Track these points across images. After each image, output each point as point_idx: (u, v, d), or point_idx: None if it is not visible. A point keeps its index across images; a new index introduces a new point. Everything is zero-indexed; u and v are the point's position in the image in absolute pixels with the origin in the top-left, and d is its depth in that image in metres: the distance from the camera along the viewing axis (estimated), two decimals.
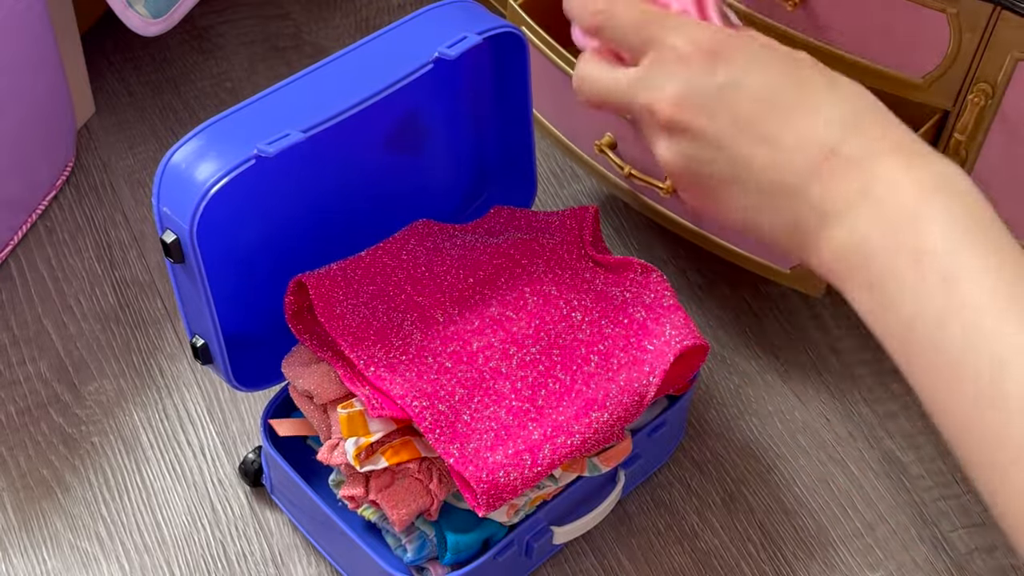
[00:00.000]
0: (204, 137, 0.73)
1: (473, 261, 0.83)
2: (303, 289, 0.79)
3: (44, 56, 0.97)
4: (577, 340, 0.80)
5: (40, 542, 0.87)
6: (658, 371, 0.78)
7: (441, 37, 0.77)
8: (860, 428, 0.94)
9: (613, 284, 0.83)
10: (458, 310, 0.81)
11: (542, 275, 0.83)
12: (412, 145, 0.86)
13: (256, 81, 1.15)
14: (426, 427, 0.75)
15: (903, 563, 0.88)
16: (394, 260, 0.82)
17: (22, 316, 0.98)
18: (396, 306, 0.80)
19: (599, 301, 0.82)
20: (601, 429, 0.77)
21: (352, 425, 0.76)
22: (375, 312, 0.80)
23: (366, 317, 0.79)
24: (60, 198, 1.06)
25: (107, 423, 0.93)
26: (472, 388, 0.77)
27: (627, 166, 0.92)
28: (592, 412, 0.77)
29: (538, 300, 0.82)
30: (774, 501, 0.91)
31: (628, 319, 0.81)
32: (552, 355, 0.80)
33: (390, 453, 0.76)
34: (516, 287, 0.82)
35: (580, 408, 0.77)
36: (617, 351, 0.80)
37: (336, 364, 0.78)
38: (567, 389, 0.78)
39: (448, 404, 0.76)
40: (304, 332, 0.80)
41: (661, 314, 0.81)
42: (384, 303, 0.80)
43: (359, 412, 0.76)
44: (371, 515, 0.79)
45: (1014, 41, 0.82)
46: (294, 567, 0.86)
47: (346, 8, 1.22)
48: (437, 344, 0.79)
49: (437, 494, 0.77)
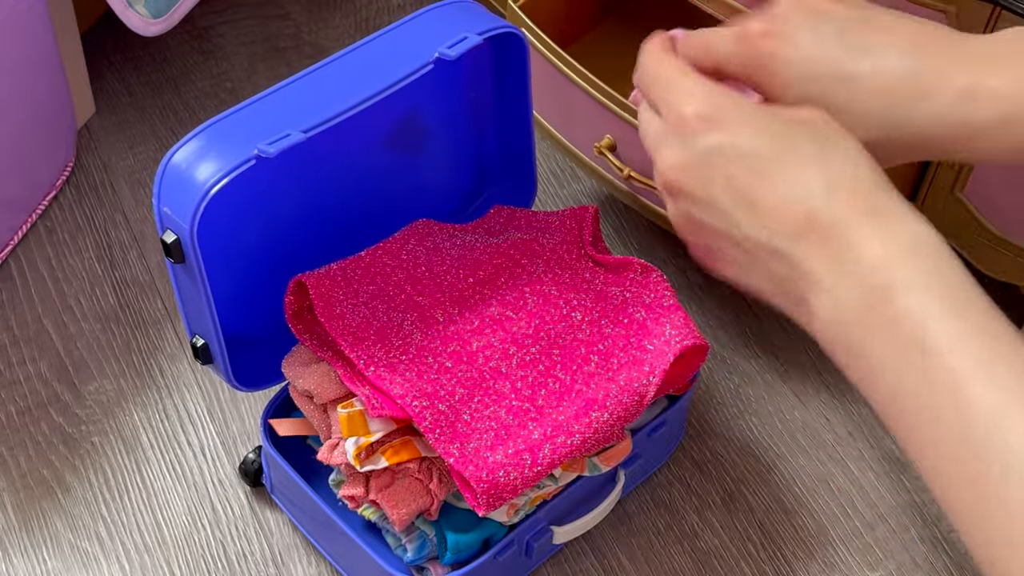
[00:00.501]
0: (204, 137, 0.73)
1: (473, 261, 0.83)
2: (303, 289, 0.80)
3: (44, 56, 0.97)
4: (577, 340, 0.80)
5: (40, 542, 0.87)
6: (658, 371, 0.78)
7: (441, 37, 0.77)
8: (860, 428, 0.94)
9: (613, 284, 0.83)
10: (458, 310, 0.81)
11: (542, 275, 0.83)
12: (412, 145, 0.86)
13: (256, 81, 1.15)
14: (426, 427, 0.75)
15: (903, 563, 0.88)
16: (394, 260, 0.82)
17: (22, 316, 0.98)
18: (396, 306, 0.81)
19: (599, 301, 0.82)
20: (601, 428, 0.77)
21: (352, 425, 0.76)
22: (375, 312, 0.80)
23: (366, 317, 0.79)
24: (60, 198, 1.06)
25: (107, 423, 0.93)
26: (472, 388, 0.77)
27: (626, 168, 0.92)
28: (592, 412, 0.77)
29: (538, 300, 0.82)
30: (774, 501, 0.91)
31: (628, 319, 0.81)
32: (552, 355, 0.80)
33: (390, 453, 0.76)
34: (516, 287, 0.82)
35: (580, 408, 0.77)
36: (617, 351, 0.80)
37: (336, 364, 0.78)
38: (567, 389, 0.78)
39: (448, 404, 0.76)
40: (304, 332, 0.80)
41: (661, 314, 0.81)
42: (384, 303, 0.80)
43: (359, 412, 0.76)
44: (371, 515, 0.79)
45: None
46: (294, 567, 0.86)
47: (346, 8, 1.22)
48: (437, 344, 0.79)
49: (437, 494, 0.77)
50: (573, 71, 0.93)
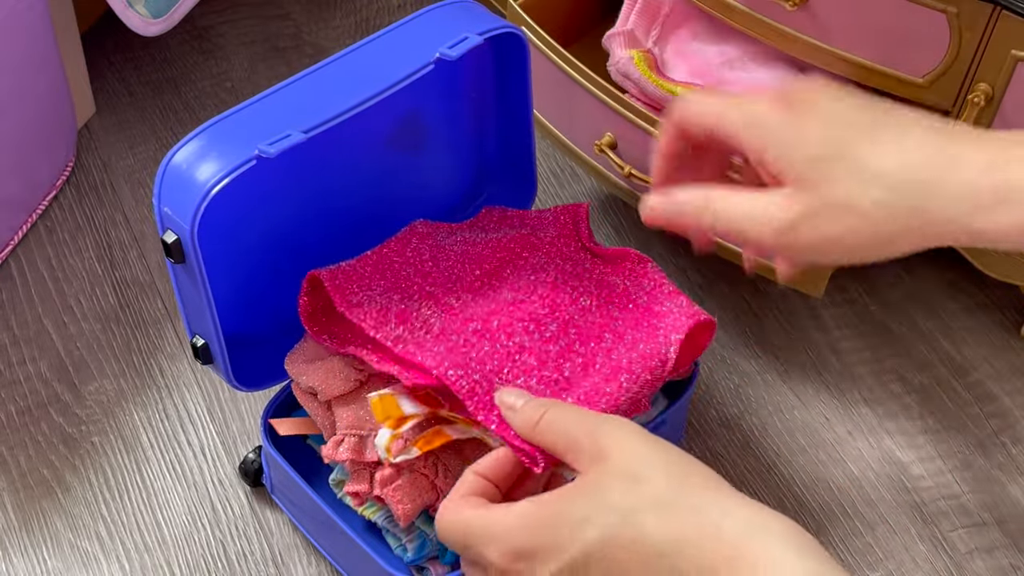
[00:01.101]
0: (205, 137, 0.73)
1: (476, 255, 0.84)
2: (317, 287, 0.79)
3: (45, 56, 0.97)
4: (589, 321, 0.81)
5: (40, 542, 0.87)
6: (675, 338, 0.78)
7: (442, 37, 0.77)
8: (860, 428, 0.94)
9: (612, 274, 0.84)
10: (471, 297, 0.81)
11: (545, 266, 0.83)
12: (413, 145, 0.86)
13: (256, 81, 1.15)
14: (464, 394, 0.74)
15: (903, 563, 0.88)
16: (400, 257, 0.82)
17: (22, 316, 0.98)
18: (411, 296, 0.80)
19: (603, 289, 0.83)
20: (631, 391, 0.76)
21: (385, 407, 0.75)
22: (391, 300, 0.79)
23: (384, 305, 0.79)
24: (60, 198, 1.06)
25: (107, 423, 0.93)
26: (501, 360, 0.77)
27: (627, 166, 0.92)
28: (620, 376, 0.76)
29: (547, 287, 0.82)
30: (774, 501, 0.91)
31: (634, 304, 0.82)
32: (569, 332, 0.80)
33: (422, 443, 0.76)
34: (523, 276, 0.83)
35: (607, 375, 0.77)
36: (630, 329, 0.80)
37: (362, 353, 0.77)
38: (590, 361, 0.78)
39: (481, 374, 0.76)
40: (322, 332, 0.79)
41: (664, 298, 0.82)
42: (399, 293, 0.80)
43: (390, 394, 0.76)
44: (373, 514, 0.79)
45: (1014, 41, 0.82)
46: (294, 567, 0.86)
47: (346, 8, 1.22)
48: (458, 324, 0.79)
49: (442, 489, 0.77)
50: (574, 69, 0.93)
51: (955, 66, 0.85)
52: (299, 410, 0.83)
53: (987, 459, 0.93)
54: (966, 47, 0.84)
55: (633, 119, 0.91)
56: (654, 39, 0.97)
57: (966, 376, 0.97)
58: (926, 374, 0.97)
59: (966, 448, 0.93)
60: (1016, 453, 0.93)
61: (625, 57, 0.94)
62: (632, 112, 0.91)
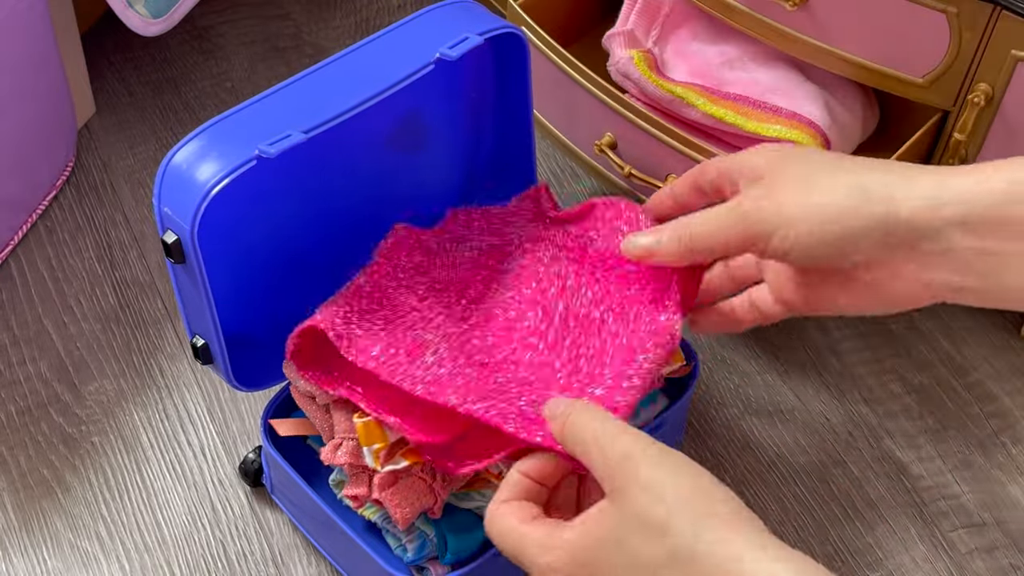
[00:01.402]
0: (205, 138, 0.73)
1: (459, 281, 0.82)
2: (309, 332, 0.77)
3: (45, 56, 0.97)
4: (583, 306, 0.80)
5: (40, 542, 0.87)
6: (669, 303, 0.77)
7: (442, 38, 0.77)
8: (860, 428, 0.94)
9: (587, 231, 0.82)
10: (467, 326, 0.80)
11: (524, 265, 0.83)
12: (413, 145, 0.86)
13: (256, 81, 1.15)
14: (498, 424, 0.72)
15: (903, 563, 0.88)
16: (394, 281, 0.81)
17: (22, 316, 0.98)
18: (411, 324, 0.79)
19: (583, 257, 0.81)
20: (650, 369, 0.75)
21: (369, 433, 0.75)
22: (394, 334, 0.78)
23: (390, 342, 0.77)
24: (60, 198, 1.06)
25: (107, 423, 0.93)
26: (520, 385, 0.76)
27: (627, 166, 0.92)
28: (637, 356, 0.76)
29: (532, 288, 0.81)
30: (774, 501, 0.91)
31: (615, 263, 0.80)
32: (569, 327, 0.79)
33: (409, 453, 0.75)
34: (507, 292, 0.82)
35: (623, 360, 0.76)
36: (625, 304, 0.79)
37: (354, 397, 0.76)
38: (601, 351, 0.78)
39: (506, 400, 0.75)
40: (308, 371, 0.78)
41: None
42: (400, 325, 0.79)
43: (374, 420, 0.75)
44: (372, 514, 0.79)
45: (1014, 41, 0.82)
46: (294, 567, 0.87)
47: (346, 8, 1.22)
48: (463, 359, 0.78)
49: (440, 493, 0.77)
50: (574, 69, 0.93)
51: (955, 66, 0.85)
52: (299, 410, 0.83)
53: (987, 459, 0.93)
54: (966, 47, 0.84)
55: (633, 119, 0.91)
56: (654, 39, 0.97)
57: (966, 376, 0.97)
58: (926, 374, 0.97)
59: (966, 448, 0.93)
60: (1016, 453, 0.93)
61: (625, 57, 0.94)
62: (632, 112, 0.91)
